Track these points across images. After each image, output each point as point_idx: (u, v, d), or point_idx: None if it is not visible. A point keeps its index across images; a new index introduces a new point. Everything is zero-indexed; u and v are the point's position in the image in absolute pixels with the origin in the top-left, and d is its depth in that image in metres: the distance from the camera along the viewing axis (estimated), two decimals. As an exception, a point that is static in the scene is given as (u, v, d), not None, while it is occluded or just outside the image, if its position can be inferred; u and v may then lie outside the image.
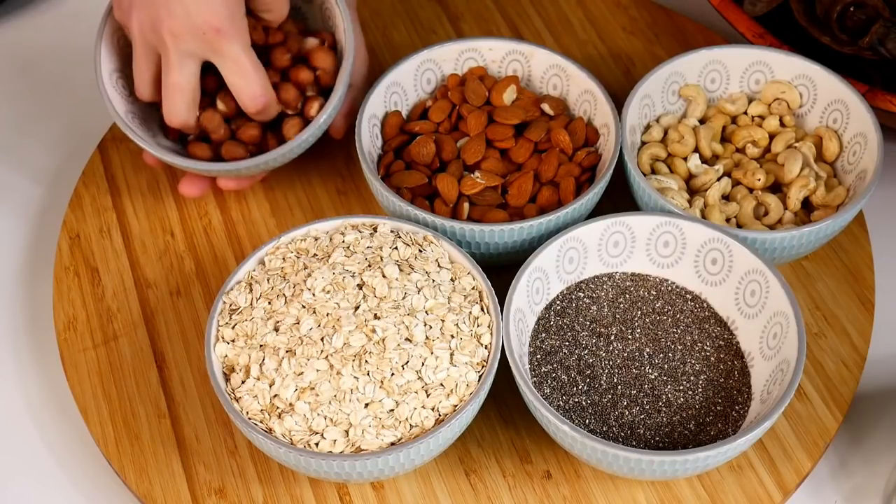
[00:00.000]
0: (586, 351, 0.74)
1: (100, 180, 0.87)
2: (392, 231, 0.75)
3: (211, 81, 0.81)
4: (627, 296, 0.77)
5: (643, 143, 0.83)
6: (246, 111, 0.80)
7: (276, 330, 0.70)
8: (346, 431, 0.67)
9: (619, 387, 0.72)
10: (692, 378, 0.73)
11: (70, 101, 0.94)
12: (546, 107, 0.83)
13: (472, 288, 0.73)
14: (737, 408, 0.72)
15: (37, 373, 0.80)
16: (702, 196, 0.80)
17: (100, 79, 0.80)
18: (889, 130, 0.87)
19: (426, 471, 0.73)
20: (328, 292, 0.71)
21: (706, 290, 0.77)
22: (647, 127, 0.84)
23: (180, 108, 0.78)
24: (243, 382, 0.69)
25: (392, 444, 0.67)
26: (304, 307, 0.70)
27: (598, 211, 0.79)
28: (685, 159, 0.82)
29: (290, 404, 0.67)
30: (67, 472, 0.76)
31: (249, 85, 0.78)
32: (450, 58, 0.86)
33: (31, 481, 0.76)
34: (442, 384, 0.69)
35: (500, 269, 0.78)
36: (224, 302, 0.72)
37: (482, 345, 0.70)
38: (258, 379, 0.69)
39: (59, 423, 0.78)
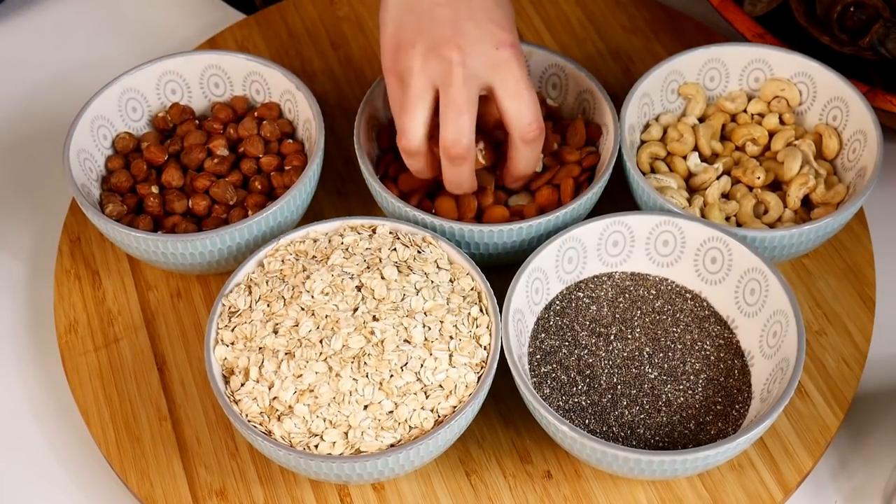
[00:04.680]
0: (586, 351, 0.74)
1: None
2: (391, 232, 0.75)
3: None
4: (627, 295, 0.77)
5: (642, 142, 0.83)
6: (514, 141, 0.74)
7: (276, 332, 0.70)
8: (346, 433, 0.67)
9: (619, 386, 0.72)
10: (692, 377, 0.73)
11: (71, 104, 0.94)
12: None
13: (471, 289, 0.73)
14: (737, 407, 0.72)
15: (38, 376, 0.80)
16: (701, 195, 0.80)
17: (66, 153, 0.79)
18: (889, 130, 0.86)
19: (427, 471, 0.73)
20: (327, 294, 0.71)
21: (706, 289, 0.77)
22: (647, 126, 0.84)
23: (468, 130, 0.72)
24: (242, 385, 0.69)
25: (391, 445, 0.67)
26: (302, 309, 0.70)
27: (597, 210, 0.79)
28: (684, 158, 0.82)
29: (290, 406, 0.68)
30: (69, 474, 0.76)
31: (527, 110, 0.73)
32: (449, 58, 0.86)
33: (33, 484, 0.76)
34: (441, 385, 0.69)
35: (500, 270, 0.78)
36: (223, 304, 0.72)
37: (481, 346, 0.70)
38: (257, 381, 0.69)
39: (60, 425, 0.78)
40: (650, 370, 0.73)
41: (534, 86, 0.73)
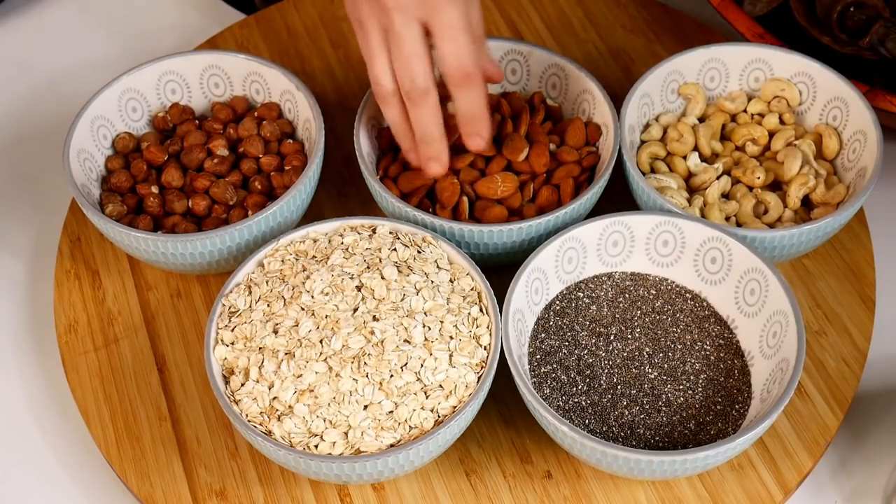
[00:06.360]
0: (586, 351, 0.74)
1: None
2: (391, 232, 0.75)
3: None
4: (627, 295, 0.77)
5: (642, 142, 0.83)
6: (446, 79, 0.74)
7: (275, 332, 0.70)
8: (346, 433, 0.67)
9: (619, 387, 0.72)
10: (692, 377, 0.73)
11: (71, 104, 0.95)
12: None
13: (471, 289, 0.73)
14: (737, 407, 0.72)
15: (38, 376, 0.80)
16: (701, 195, 0.80)
17: (66, 153, 0.80)
18: (889, 130, 0.86)
19: (427, 471, 0.73)
20: (327, 294, 0.71)
21: (706, 289, 0.77)
22: (647, 126, 0.84)
23: (420, 70, 0.73)
24: (242, 385, 0.69)
25: (391, 445, 0.67)
26: (302, 309, 0.70)
27: (597, 210, 0.79)
28: (684, 158, 0.82)
29: (290, 406, 0.68)
30: (69, 474, 0.76)
31: (454, 51, 0.73)
32: (449, 58, 0.86)
33: (33, 484, 0.76)
34: (441, 385, 0.69)
35: (500, 270, 0.78)
36: (223, 304, 0.72)
37: (481, 346, 0.70)
38: (257, 381, 0.69)
39: (60, 425, 0.78)
40: (650, 370, 0.73)
41: (471, 29, 0.73)
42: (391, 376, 0.68)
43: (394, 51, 0.74)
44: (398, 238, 0.75)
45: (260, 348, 0.70)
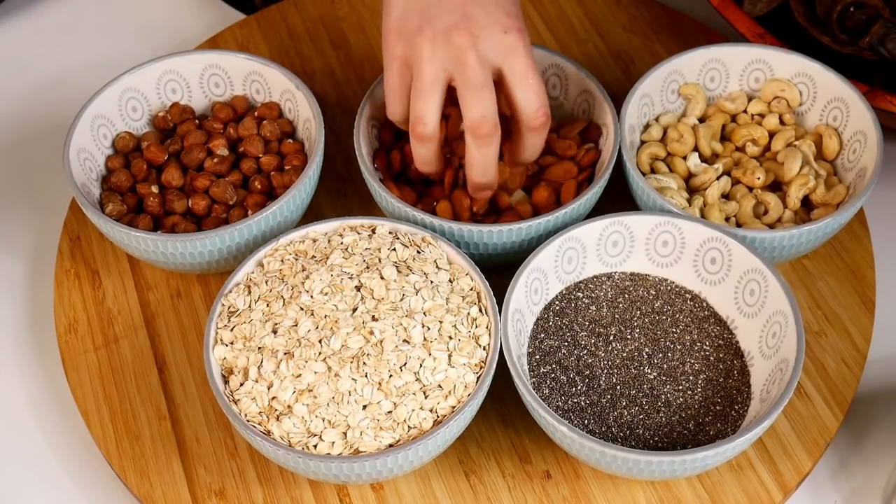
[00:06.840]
0: (585, 351, 0.74)
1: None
2: (390, 232, 0.75)
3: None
4: (626, 295, 0.77)
5: (642, 143, 0.83)
6: (520, 128, 0.75)
7: (275, 332, 0.70)
8: (345, 433, 0.67)
9: (619, 387, 0.72)
10: (691, 378, 0.73)
11: (71, 104, 0.95)
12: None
13: (471, 289, 0.73)
14: (736, 407, 0.72)
15: (38, 375, 0.80)
16: (701, 195, 0.80)
17: (66, 152, 0.80)
18: (889, 130, 0.86)
19: (426, 471, 0.73)
20: (326, 294, 0.71)
21: (705, 290, 0.77)
22: (647, 126, 0.84)
23: (490, 105, 0.73)
24: (242, 385, 0.69)
25: (390, 445, 0.67)
26: (302, 309, 0.70)
27: (597, 210, 0.79)
28: (684, 158, 0.82)
29: (289, 406, 0.68)
30: (69, 474, 0.76)
31: (534, 96, 0.73)
32: (449, 58, 0.86)
33: (33, 484, 0.76)
34: (440, 385, 0.69)
35: (500, 270, 0.78)
36: (223, 304, 0.72)
37: (480, 346, 0.70)
38: (256, 381, 0.69)
39: (60, 425, 0.78)
40: (649, 370, 0.73)
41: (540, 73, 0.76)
42: (390, 376, 0.68)
43: (466, 89, 0.72)
44: (398, 238, 0.75)
45: (259, 348, 0.70)
